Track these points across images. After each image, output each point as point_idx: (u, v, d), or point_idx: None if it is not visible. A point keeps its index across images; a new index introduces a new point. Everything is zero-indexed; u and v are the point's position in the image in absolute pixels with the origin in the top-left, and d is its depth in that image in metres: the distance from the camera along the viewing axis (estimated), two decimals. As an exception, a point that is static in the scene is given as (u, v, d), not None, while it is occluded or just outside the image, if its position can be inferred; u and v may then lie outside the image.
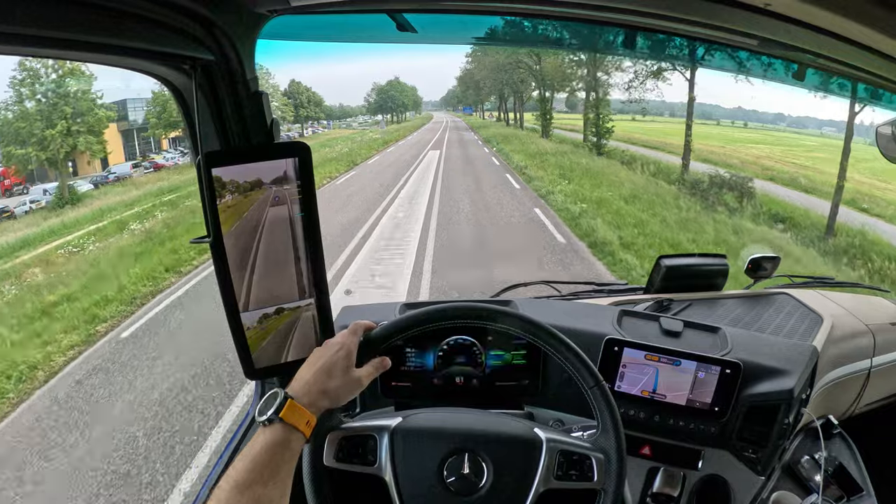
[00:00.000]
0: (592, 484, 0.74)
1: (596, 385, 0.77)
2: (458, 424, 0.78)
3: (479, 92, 35.54)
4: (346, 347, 0.74)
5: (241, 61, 0.82)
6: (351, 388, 0.74)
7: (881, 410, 1.47)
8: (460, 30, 1.05)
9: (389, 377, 1.12)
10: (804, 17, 0.65)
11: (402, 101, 51.17)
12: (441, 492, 0.72)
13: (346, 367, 0.73)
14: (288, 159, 0.81)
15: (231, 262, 0.81)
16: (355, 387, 0.74)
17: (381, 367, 0.78)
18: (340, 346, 0.74)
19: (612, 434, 0.76)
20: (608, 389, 0.78)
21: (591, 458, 0.75)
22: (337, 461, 0.74)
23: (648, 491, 1.04)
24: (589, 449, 0.76)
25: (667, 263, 1.44)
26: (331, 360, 0.72)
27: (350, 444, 0.75)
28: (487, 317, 0.81)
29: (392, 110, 50.66)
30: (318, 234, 0.86)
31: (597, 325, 1.13)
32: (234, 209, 0.81)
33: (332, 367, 0.72)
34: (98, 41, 0.63)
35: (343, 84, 68.98)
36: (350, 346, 0.75)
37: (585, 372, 0.78)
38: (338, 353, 0.73)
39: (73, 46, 0.62)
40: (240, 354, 0.87)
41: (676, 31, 1.04)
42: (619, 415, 0.77)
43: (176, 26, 0.72)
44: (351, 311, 1.23)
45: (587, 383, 0.78)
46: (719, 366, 1.03)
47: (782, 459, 1.14)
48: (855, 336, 1.34)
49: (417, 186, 12.89)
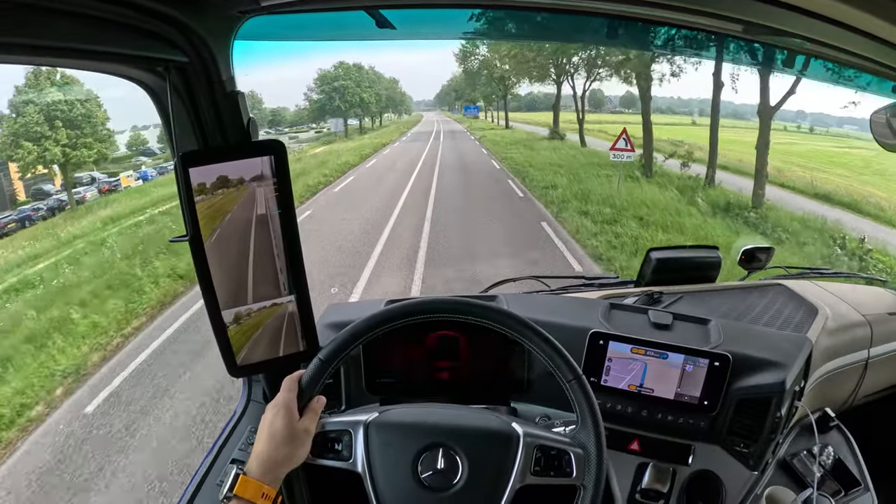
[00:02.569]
0: (571, 480, 0.73)
1: (574, 378, 0.76)
2: (434, 419, 0.77)
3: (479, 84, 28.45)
4: (284, 406, 0.74)
5: (215, 62, 0.83)
6: (301, 442, 0.73)
7: (880, 402, 1.44)
8: (440, 24, 1.04)
9: (374, 374, 1.12)
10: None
11: (362, 97, 32.27)
12: (415, 487, 0.72)
13: (287, 426, 0.72)
14: (264, 157, 0.82)
15: (210, 259, 0.82)
16: (304, 438, 0.74)
17: (318, 407, 0.77)
18: (278, 407, 0.74)
19: (592, 429, 0.75)
20: (587, 383, 0.76)
21: (570, 453, 0.74)
22: (313, 456, 0.74)
23: (637, 487, 1.03)
24: (567, 444, 0.75)
25: (657, 256, 1.42)
26: (273, 426, 0.72)
27: (325, 439, 0.75)
28: (445, 311, 0.79)
29: (348, 110, 31.88)
30: (296, 230, 0.86)
31: (583, 318, 1.12)
32: (213, 208, 0.81)
33: (275, 432, 0.72)
34: (68, 46, 0.63)
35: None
36: (288, 402, 0.74)
37: (563, 364, 0.77)
38: (276, 415, 0.73)
39: (43, 52, 0.63)
40: (222, 352, 0.88)
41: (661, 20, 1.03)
42: (598, 409, 0.76)
43: (148, 29, 0.72)
44: (336, 308, 1.23)
45: (565, 376, 0.76)
46: (707, 358, 1.02)
47: (777, 454, 1.12)
48: (851, 327, 1.32)
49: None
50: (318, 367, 0.77)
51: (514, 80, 25.07)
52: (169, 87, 0.80)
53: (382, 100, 36.84)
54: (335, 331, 1.09)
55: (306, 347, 0.92)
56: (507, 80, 25.76)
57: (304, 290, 0.90)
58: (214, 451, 1.01)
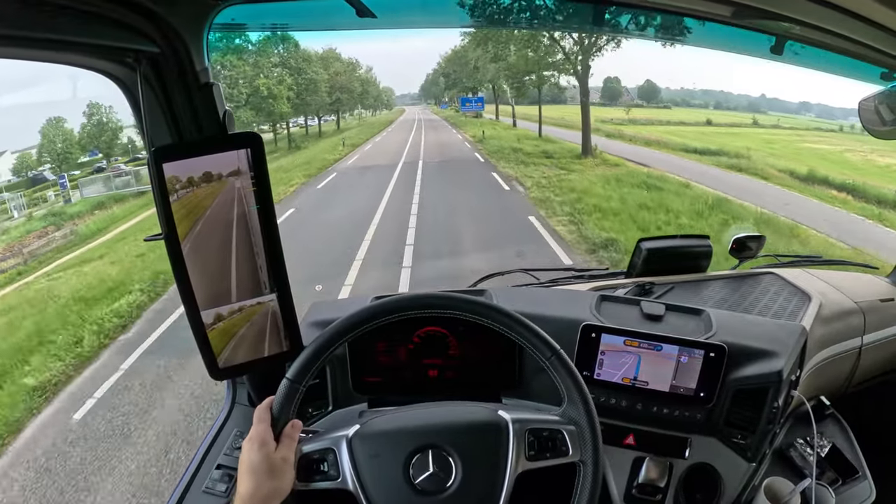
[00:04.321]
0: (569, 458, 0.72)
1: (553, 355, 0.74)
2: (417, 421, 0.75)
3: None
4: (258, 440, 0.70)
5: (189, 52, 0.80)
6: (282, 473, 0.69)
7: (874, 389, 1.44)
8: (423, 12, 1.02)
9: (361, 373, 1.09)
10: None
11: (271, 89, 19.91)
12: (410, 494, 0.69)
13: (265, 459, 0.68)
14: (240, 151, 0.79)
15: (188, 258, 0.79)
16: (285, 468, 0.69)
17: (294, 433, 0.73)
18: (252, 441, 0.70)
19: (580, 402, 0.73)
20: (567, 358, 0.74)
21: (563, 431, 0.72)
22: (300, 481, 0.70)
23: (634, 482, 1.01)
24: (558, 422, 0.73)
25: (647, 246, 1.41)
26: (252, 462, 0.68)
27: (310, 461, 0.72)
28: (420, 307, 0.76)
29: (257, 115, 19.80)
30: (276, 226, 0.83)
31: (573, 311, 1.10)
32: (188, 205, 0.78)
33: (254, 468, 0.68)
34: (28, 35, 0.60)
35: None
36: (261, 434, 0.71)
37: (539, 343, 0.74)
38: (252, 450, 0.69)
39: (3, 42, 0.59)
40: (202, 353, 0.85)
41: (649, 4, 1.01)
42: (583, 382, 0.74)
43: (115, 18, 0.69)
44: (321, 306, 1.20)
45: (544, 355, 0.74)
46: (703, 349, 1.00)
47: (773, 444, 1.11)
48: (844, 314, 1.31)
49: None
50: (288, 390, 0.72)
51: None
52: (140, 80, 0.76)
53: (319, 95, 23.91)
54: (319, 329, 1.06)
55: (289, 347, 0.89)
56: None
57: (285, 288, 0.87)
58: (200, 456, 0.98)
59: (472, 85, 27.11)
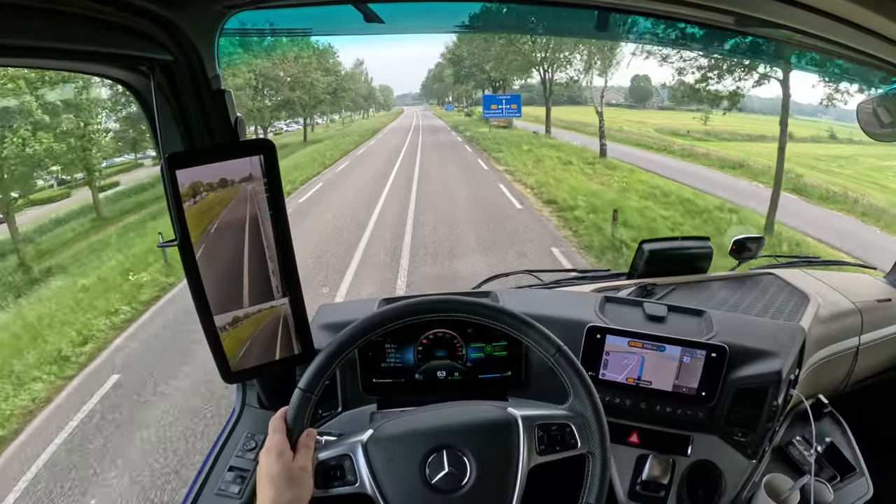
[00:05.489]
0: (577, 450, 0.74)
1: (557, 351, 0.76)
2: (430, 423, 0.76)
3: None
4: (275, 450, 0.71)
5: (201, 60, 0.80)
6: (301, 482, 0.70)
7: (871, 388, 1.46)
8: (429, 17, 1.03)
9: (370, 375, 1.11)
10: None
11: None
12: (427, 494, 0.71)
13: (284, 469, 0.69)
14: (253, 157, 0.80)
15: (201, 263, 0.80)
16: (303, 477, 0.70)
17: (309, 442, 0.74)
18: (270, 452, 0.71)
19: (585, 396, 0.75)
20: (570, 353, 0.77)
21: (570, 424, 0.75)
22: (318, 489, 0.72)
23: (638, 479, 1.04)
24: (565, 417, 0.76)
25: (649, 248, 1.42)
26: (270, 473, 0.69)
27: (327, 468, 0.73)
28: (428, 311, 0.78)
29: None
30: (288, 231, 0.84)
31: (578, 312, 1.11)
32: (202, 211, 0.79)
33: (274, 479, 0.69)
34: (46, 46, 0.61)
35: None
36: (278, 445, 0.71)
37: (543, 340, 0.77)
38: (270, 461, 0.70)
39: (17, 53, 0.60)
40: (215, 357, 0.86)
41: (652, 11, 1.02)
42: (587, 376, 0.76)
43: (130, 27, 0.69)
44: (328, 309, 1.21)
45: (548, 351, 0.77)
46: (705, 350, 1.02)
47: (773, 442, 1.13)
48: (842, 314, 1.33)
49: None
50: (301, 399, 0.74)
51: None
52: (153, 87, 0.77)
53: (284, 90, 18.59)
54: (329, 332, 1.07)
55: (301, 350, 0.90)
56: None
57: (297, 292, 0.88)
58: (212, 458, 0.99)
59: (499, 76, 17.75)
